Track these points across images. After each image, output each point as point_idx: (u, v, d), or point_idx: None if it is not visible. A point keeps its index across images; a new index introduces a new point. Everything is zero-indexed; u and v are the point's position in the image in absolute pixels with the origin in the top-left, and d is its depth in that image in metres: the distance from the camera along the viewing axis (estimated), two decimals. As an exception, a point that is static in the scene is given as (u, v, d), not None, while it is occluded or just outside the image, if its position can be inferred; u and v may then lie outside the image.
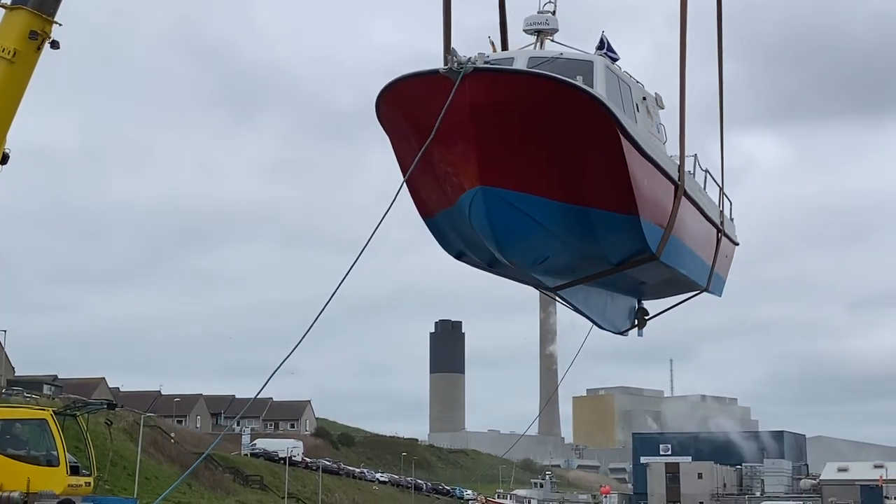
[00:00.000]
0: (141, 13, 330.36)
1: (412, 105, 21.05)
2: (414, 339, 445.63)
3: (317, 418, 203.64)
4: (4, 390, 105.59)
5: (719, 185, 30.42)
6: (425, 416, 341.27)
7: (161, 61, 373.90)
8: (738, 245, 32.77)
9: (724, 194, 30.90)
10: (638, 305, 29.77)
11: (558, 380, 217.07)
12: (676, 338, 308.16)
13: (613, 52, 23.93)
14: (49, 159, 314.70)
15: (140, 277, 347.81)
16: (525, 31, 24.51)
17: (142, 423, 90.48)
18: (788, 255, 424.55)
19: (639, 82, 24.63)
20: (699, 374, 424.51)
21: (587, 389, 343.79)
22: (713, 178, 29.74)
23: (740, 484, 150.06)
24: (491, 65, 20.67)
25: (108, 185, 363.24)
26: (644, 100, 24.48)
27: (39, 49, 29.54)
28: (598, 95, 21.30)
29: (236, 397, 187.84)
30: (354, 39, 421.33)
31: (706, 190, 28.98)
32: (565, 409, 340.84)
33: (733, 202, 31.87)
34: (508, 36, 26.56)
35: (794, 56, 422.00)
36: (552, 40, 24.21)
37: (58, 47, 29.84)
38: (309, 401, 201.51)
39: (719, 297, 31.68)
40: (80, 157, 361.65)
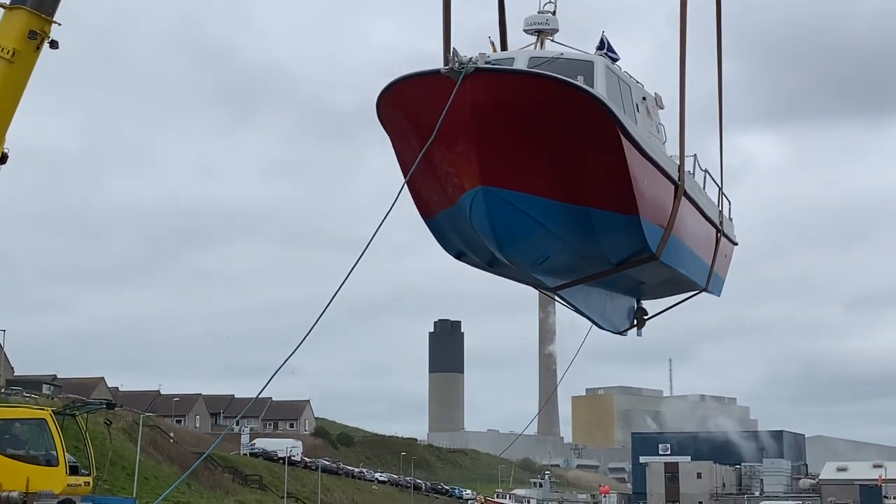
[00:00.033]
0: (141, 13, 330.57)
1: (413, 105, 21.04)
2: (413, 338, 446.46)
3: (316, 418, 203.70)
4: (4, 390, 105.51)
5: (718, 185, 30.44)
6: (424, 415, 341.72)
7: (161, 61, 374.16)
8: (736, 245, 32.83)
9: (723, 194, 30.97)
10: (637, 305, 29.80)
11: (557, 379, 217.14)
12: (676, 338, 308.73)
13: (614, 52, 23.96)
14: (48, 159, 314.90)
15: (139, 277, 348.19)
16: (525, 31, 24.52)
17: (141, 423, 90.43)
18: (787, 255, 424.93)
19: (639, 82, 24.65)
20: (698, 374, 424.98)
21: (586, 389, 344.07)
22: (712, 179, 29.78)
23: (739, 484, 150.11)
24: (492, 65, 20.66)
25: (108, 184, 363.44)
26: (644, 100, 24.50)
27: (38, 49, 29.55)
28: (598, 95, 21.31)
29: (235, 397, 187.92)
30: (354, 39, 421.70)
31: (705, 190, 29.00)
32: (564, 409, 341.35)
33: (732, 202, 32.01)
34: (508, 36, 26.59)
35: (793, 56, 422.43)
36: (552, 40, 24.24)
37: (57, 47, 29.86)
38: (308, 400, 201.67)
39: (718, 296, 31.72)
40: (79, 157, 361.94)
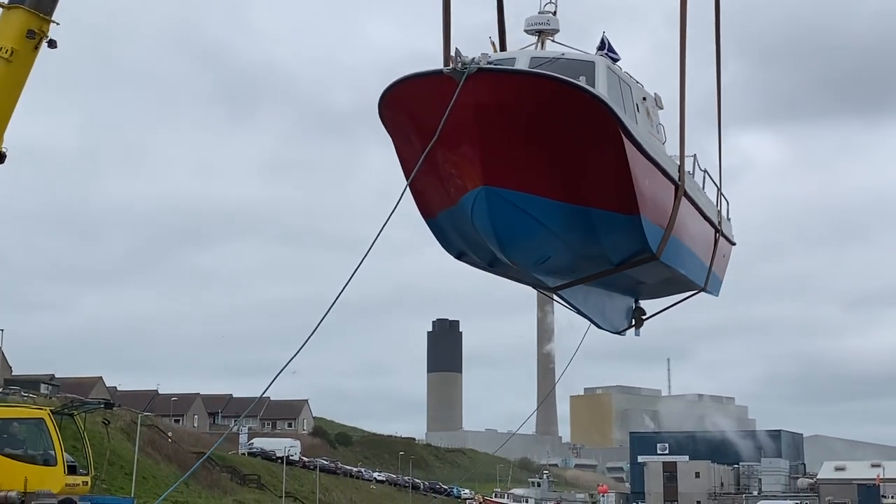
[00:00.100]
0: (139, 13, 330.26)
1: (415, 105, 21.02)
2: (411, 338, 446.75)
3: (314, 417, 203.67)
4: (1, 389, 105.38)
5: (717, 185, 30.46)
6: (423, 415, 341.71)
7: (160, 61, 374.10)
8: (735, 245, 32.84)
9: (722, 194, 31.00)
10: (635, 305, 29.81)
11: (556, 379, 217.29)
12: (674, 337, 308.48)
13: (614, 52, 23.97)
14: (47, 159, 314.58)
15: (137, 277, 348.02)
16: (526, 31, 24.51)
17: (139, 423, 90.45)
18: (786, 255, 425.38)
19: (639, 83, 24.65)
20: (696, 374, 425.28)
21: (585, 389, 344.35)
22: (711, 179, 29.81)
23: (737, 483, 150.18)
24: (494, 65, 20.65)
25: (106, 184, 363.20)
26: (644, 100, 24.50)
27: (37, 48, 29.53)
28: (600, 96, 21.31)
29: (234, 396, 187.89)
30: (353, 39, 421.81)
31: (704, 189, 29.01)
32: (563, 409, 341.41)
33: (730, 201, 32.06)
34: (507, 36, 26.57)
35: (791, 56, 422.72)
36: (553, 41, 24.24)
37: (55, 46, 29.83)
38: (306, 400, 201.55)
39: (716, 296, 31.74)
40: (77, 157, 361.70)
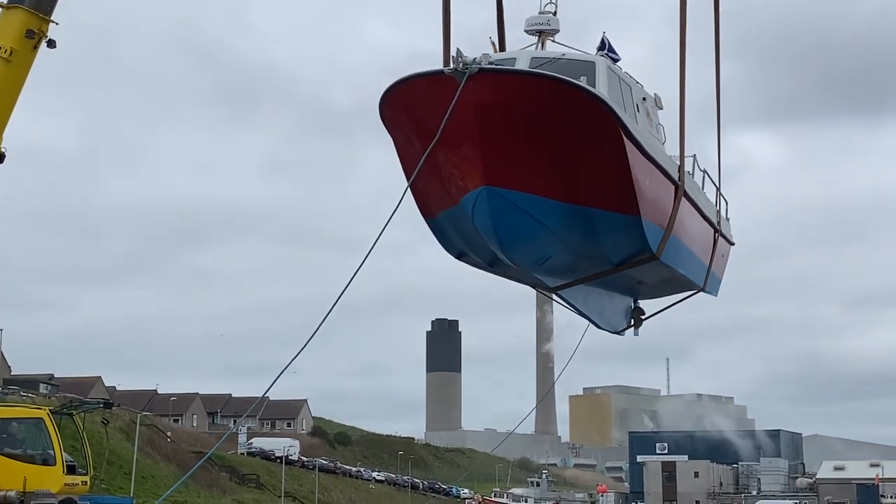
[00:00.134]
0: (139, 13, 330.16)
1: (416, 105, 21.03)
2: (410, 338, 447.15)
3: (313, 417, 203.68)
4: (1, 389, 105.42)
5: (716, 185, 30.48)
6: (422, 414, 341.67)
7: (159, 61, 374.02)
8: (733, 245, 32.88)
9: (721, 194, 31.02)
10: (634, 305, 29.83)
11: (555, 378, 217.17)
12: (673, 337, 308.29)
13: (614, 52, 23.99)
14: (46, 158, 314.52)
15: (137, 276, 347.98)
16: (526, 31, 24.53)
17: (138, 422, 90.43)
18: (785, 255, 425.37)
19: (639, 83, 24.67)
20: (695, 373, 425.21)
21: (584, 388, 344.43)
22: (711, 179, 29.84)
23: (737, 483, 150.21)
24: (495, 65, 20.65)
25: (106, 184, 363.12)
26: (644, 100, 24.53)
27: (36, 48, 29.57)
28: (601, 96, 21.33)
29: (233, 396, 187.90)
30: (352, 39, 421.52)
31: (703, 189, 29.04)
32: (562, 408, 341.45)
33: (729, 201, 32.12)
34: (506, 36, 26.59)
35: (791, 55, 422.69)
36: (553, 41, 24.26)
37: (54, 46, 29.86)
38: (305, 400, 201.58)
39: (715, 296, 31.78)
40: (77, 157, 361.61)
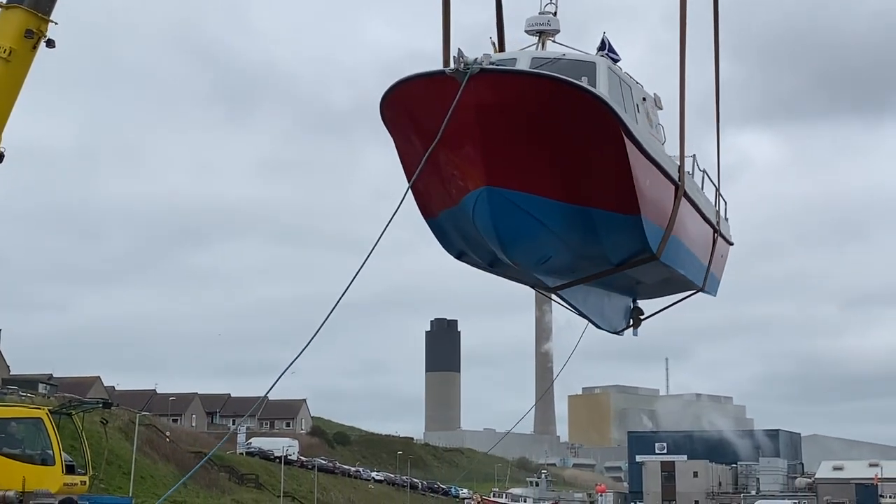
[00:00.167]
0: (139, 13, 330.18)
1: (417, 106, 21.02)
2: (410, 337, 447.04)
3: (312, 417, 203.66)
4: (0, 389, 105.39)
5: (716, 185, 30.49)
6: (421, 414, 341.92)
7: (158, 61, 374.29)
8: (732, 245, 32.90)
9: (720, 194, 31.03)
10: (633, 305, 29.83)
11: (554, 378, 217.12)
12: (672, 337, 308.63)
13: (615, 52, 23.98)
14: (45, 158, 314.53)
15: (135, 276, 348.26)
16: (527, 31, 24.52)
17: (137, 422, 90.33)
18: (783, 254, 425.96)
19: (638, 83, 24.67)
20: (694, 373, 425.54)
21: (583, 388, 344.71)
22: (710, 179, 29.86)
23: (735, 482, 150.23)
24: (496, 66, 20.65)
25: (105, 184, 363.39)
26: (644, 100, 24.53)
27: (35, 48, 29.58)
28: (602, 96, 21.35)
29: (231, 396, 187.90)
30: (351, 39, 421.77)
31: (703, 189, 29.05)
32: (561, 408, 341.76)
33: (728, 201, 32.13)
34: (506, 36, 26.59)
35: (789, 55, 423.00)
36: (553, 41, 24.26)
37: (53, 46, 29.87)
38: (304, 399, 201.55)
39: (714, 296, 31.78)
40: (76, 156, 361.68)
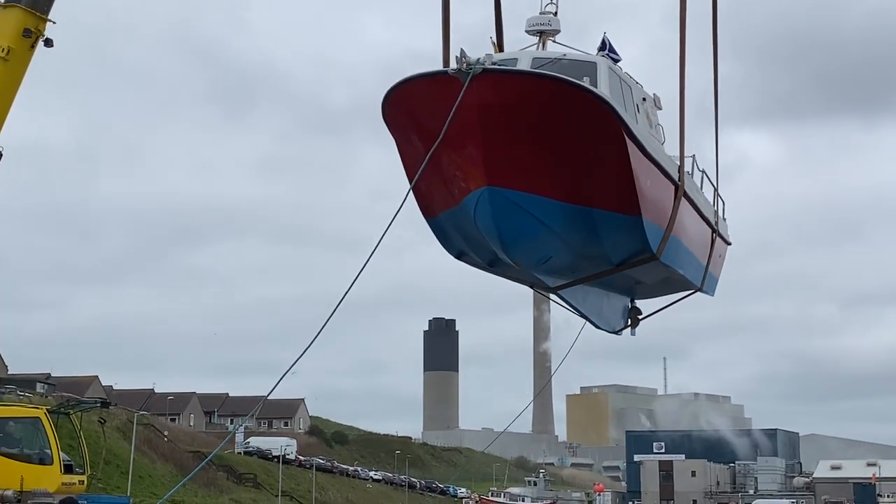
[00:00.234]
0: (137, 12, 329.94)
1: (419, 106, 21.02)
2: (408, 337, 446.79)
3: (310, 416, 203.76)
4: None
5: (714, 185, 30.53)
6: (419, 414, 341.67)
7: (158, 60, 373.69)
8: (730, 245, 32.95)
9: (719, 195, 31.08)
10: (631, 305, 29.86)
11: (552, 374, 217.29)
12: (670, 336, 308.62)
13: (615, 53, 23.99)
14: (43, 157, 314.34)
15: (133, 275, 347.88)
16: (527, 31, 24.51)
17: (135, 422, 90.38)
18: (781, 253, 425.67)
19: (638, 83, 24.69)
20: (692, 373, 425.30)
21: (581, 387, 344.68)
22: (709, 179, 29.91)
23: (733, 482, 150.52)
24: (498, 66, 20.65)
25: (102, 183, 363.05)
26: (644, 101, 24.55)
27: (33, 47, 29.61)
28: (604, 96, 21.36)
29: (230, 395, 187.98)
30: (350, 38, 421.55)
31: (702, 189, 29.09)
32: (559, 407, 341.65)
33: (726, 200, 32.20)
34: (506, 36, 26.59)
35: (787, 54, 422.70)
36: (554, 41, 24.27)
37: (51, 45, 29.90)
38: (303, 399, 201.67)
39: (712, 296, 31.83)
40: (74, 156, 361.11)
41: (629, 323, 29.87)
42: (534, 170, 21.09)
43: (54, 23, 29.69)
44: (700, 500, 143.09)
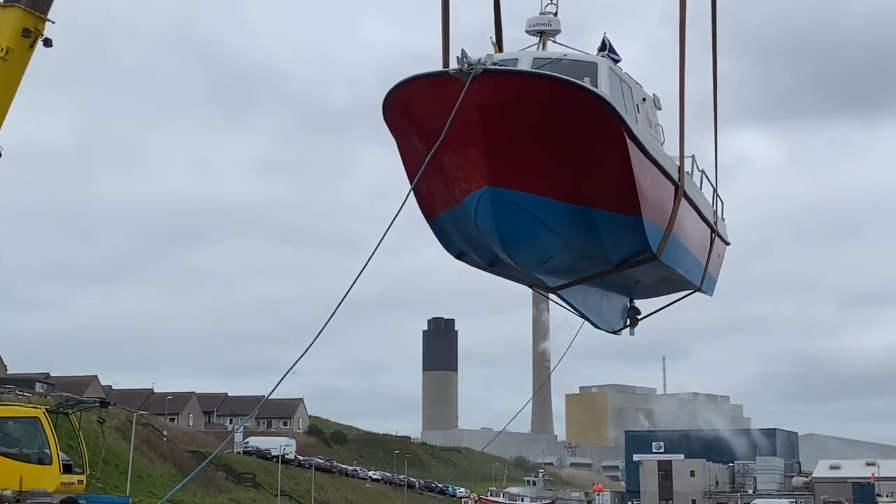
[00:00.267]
0: (137, 12, 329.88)
1: (420, 106, 21.04)
2: (407, 336, 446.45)
3: (309, 416, 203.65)
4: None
5: (713, 185, 30.54)
6: (418, 413, 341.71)
7: (157, 60, 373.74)
8: (729, 245, 32.96)
9: (718, 195, 31.09)
10: (630, 304, 29.86)
11: (551, 377, 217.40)
12: (669, 336, 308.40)
13: (615, 53, 24.00)
14: (43, 157, 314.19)
15: (133, 275, 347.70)
16: (528, 31, 24.54)
17: (134, 421, 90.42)
18: (781, 253, 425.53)
19: (638, 83, 24.70)
20: (691, 373, 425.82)
21: (580, 387, 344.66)
22: (708, 180, 29.92)
23: (732, 481, 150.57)
24: (499, 66, 20.66)
25: (102, 182, 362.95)
26: (644, 101, 24.56)
27: (32, 47, 29.57)
28: (604, 97, 21.39)
29: (229, 395, 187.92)
30: (349, 38, 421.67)
31: (701, 189, 29.10)
32: (558, 407, 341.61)
33: (725, 200, 32.21)
34: (505, 36, 26.59)
35: (787, 54, 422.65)
36: (554, 41, 24.28)
37: (51, 45, 29.88)
38: (302, 399, 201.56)
39: (711, 296, 31.83)
40: (74, 155, 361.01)
41: (628, 323, 29.89)
42: (534, 170, 21.11)
43: (53, 22, 29.66)
44: (699, 500, 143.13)
